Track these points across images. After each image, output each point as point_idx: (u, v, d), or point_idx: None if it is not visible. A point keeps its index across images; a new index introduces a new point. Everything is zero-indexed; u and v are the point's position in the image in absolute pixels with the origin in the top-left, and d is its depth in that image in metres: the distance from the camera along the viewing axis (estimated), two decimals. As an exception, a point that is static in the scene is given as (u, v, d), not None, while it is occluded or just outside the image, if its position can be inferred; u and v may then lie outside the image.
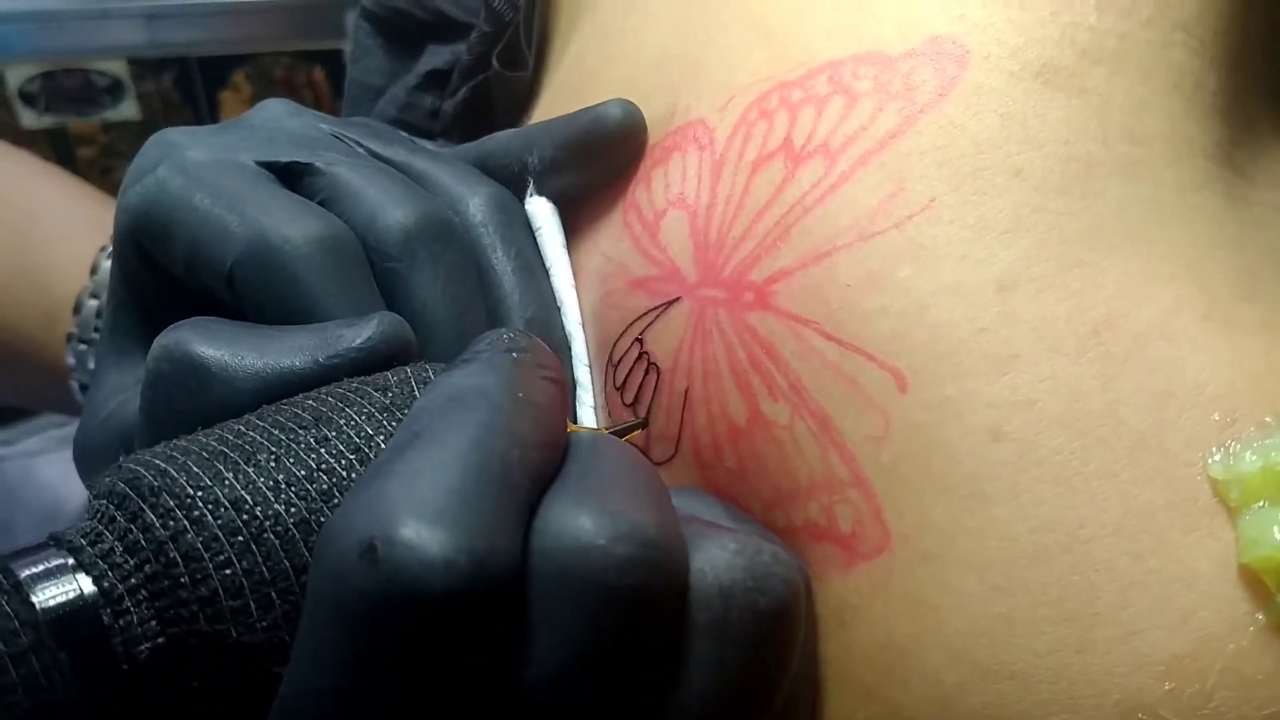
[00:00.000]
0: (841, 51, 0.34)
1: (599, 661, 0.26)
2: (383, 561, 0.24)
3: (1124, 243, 0.31)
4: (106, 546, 0.27)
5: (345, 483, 0.28)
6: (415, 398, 0.30)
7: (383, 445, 0.29)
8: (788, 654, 0.29)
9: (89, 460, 0.40)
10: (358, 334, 0.32)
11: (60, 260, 0.58)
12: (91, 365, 0.55)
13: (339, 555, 0.25)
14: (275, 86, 1.05)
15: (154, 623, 0.27)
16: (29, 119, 1.04)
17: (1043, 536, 0.29)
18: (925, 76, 0.33)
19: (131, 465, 0.28)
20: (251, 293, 0.35)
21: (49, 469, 0.98)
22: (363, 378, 0.31)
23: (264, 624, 0.27)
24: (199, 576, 0.27)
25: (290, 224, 0.35)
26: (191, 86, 1.06)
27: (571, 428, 0.32)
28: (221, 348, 0.32)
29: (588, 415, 0.38)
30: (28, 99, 1.03)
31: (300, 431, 0.29)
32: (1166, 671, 0.28)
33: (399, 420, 0.29)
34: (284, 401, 0.30)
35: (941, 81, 0.32)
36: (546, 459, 0.28)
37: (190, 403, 0.32)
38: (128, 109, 1.05)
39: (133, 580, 0.27)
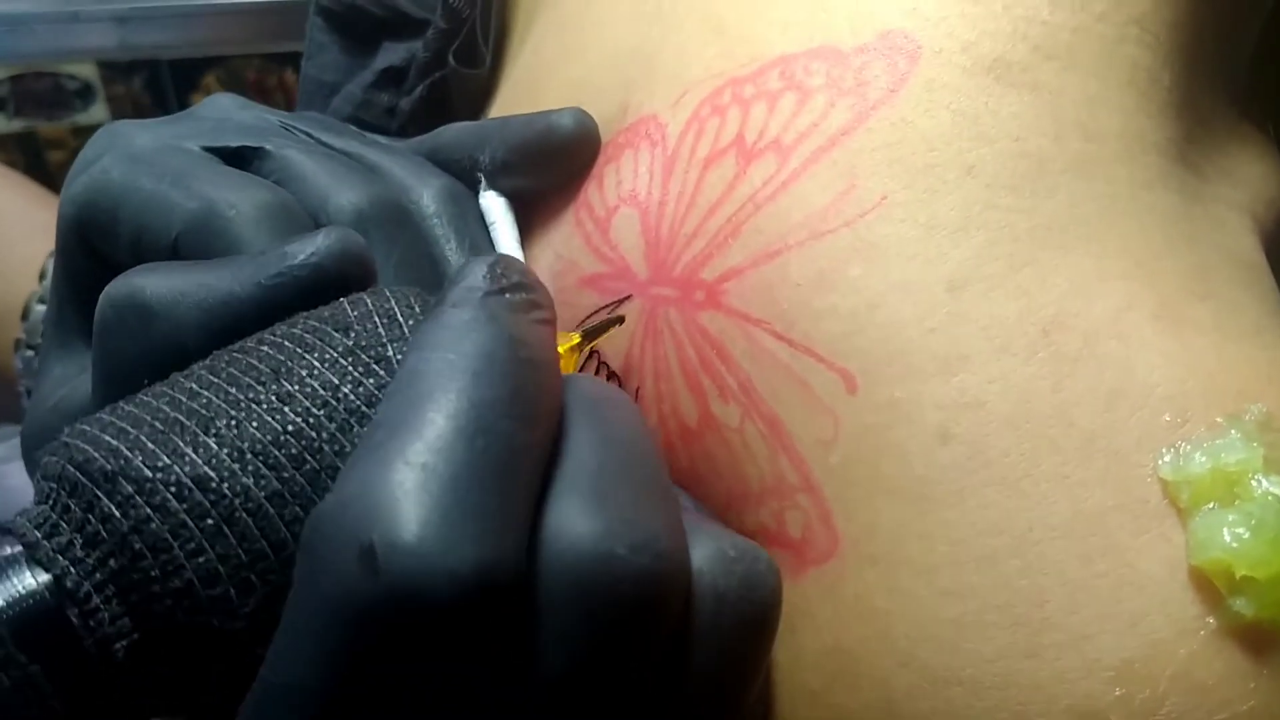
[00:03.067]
0: (794, 46, 0.34)
1: (603, 669, 0.25)
2: (383, 570, 0.23)
3: (1076, 240, 0.30)
4: (64, 540, 0.25)
5: (316, 443, 0.26)
6: (380, 335, 0.28)
7: (350, 395, 0.27)
8: (764, 660, 0.28)
9: (37, 450, 0.40)
10: (302, 249, 0.30)
11: (11, 265, 0.58)
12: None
13: (334, 554, 0.23)
14: (246, 89, 1.04)
15: (126, 619, 0.25)
16: (-2, 123, 1.03)
17: (991, 539, 0.28)
18: (877, 72, 0.32)
19: (79, 443, 0.26)
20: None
21: (17, 475, 0.97)
22: (320, 313, 0.29)
23: (246, 609, 0.25)
24: (170, 568, 0.25)
25: (236, 192, 0.34)
26: (162, 89, 1.05)
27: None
28: (164, 284, 0.30)
29: None
30: (-4, 102, 1.02)
31: (259, 388, 0.27)
32: (1116, 677, 0.27)
33: (365, 364, 0.28)
34: (236, 348, 0.28)
35: (893, 77, 0.32)
36: (547, 433, 0.26)
37: (136, 345, 0.30)
38: (98, 112, 1.05)
39: (98, 576, 0.25)
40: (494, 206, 0.40)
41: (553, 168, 0.39)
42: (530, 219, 0.40)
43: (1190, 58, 0.34)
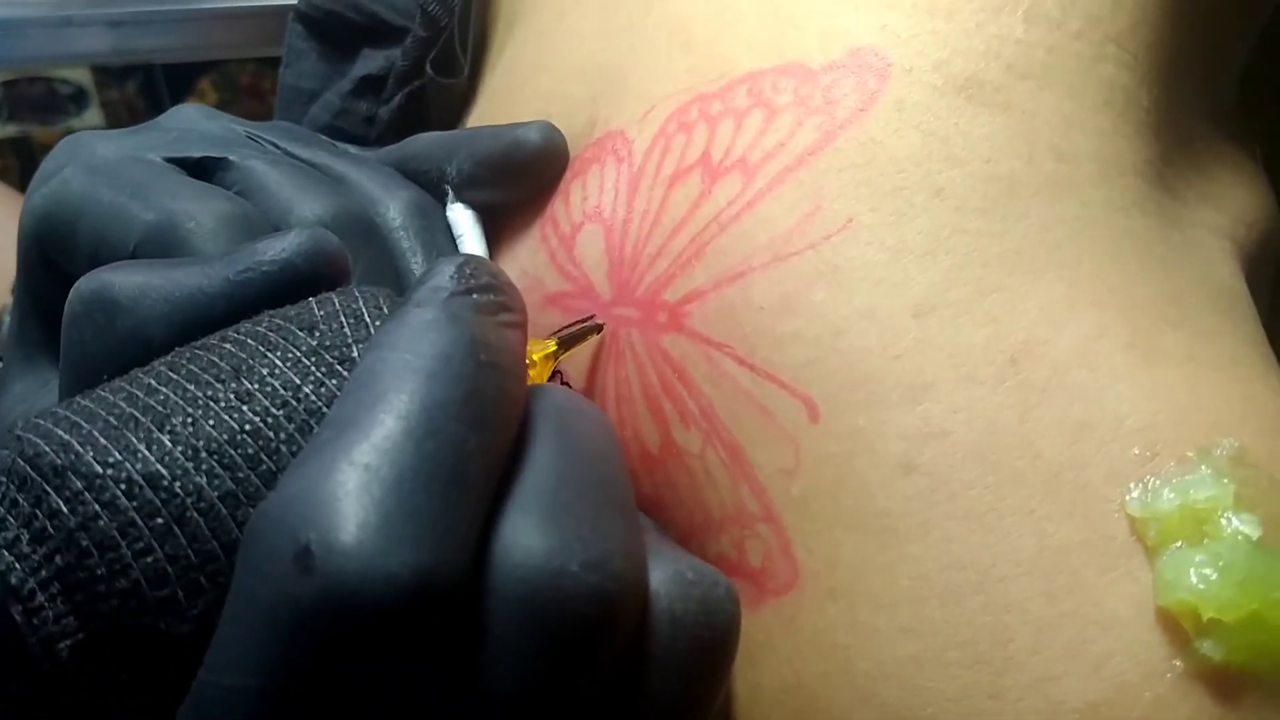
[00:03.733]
0: (762, 63, 0.33)
1: (552, 686, 0.24)
2: (318, 570, 0.22)
3: (1047, 266, 0.29)
4: (10, 535, 0.24)
5: (273, 444, 0.26)
6: (345, 335, 0.27)
7: (311, 395, 0.26)
8: (721, 686, 0.28)
9: None
10: (272, 246, 0.29)
11: None
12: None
13: (270, 553, 0.23)
14: (240, 93, 1.04)
15: (71, 618, 0.24)
16: (-8, 128, 1.03)
17: (954, 575, 0.28)
18: (846, 90, 0.31)
19: (31, 437, 0.25)
20: None
21: None
22: (285, 311, 0.28)
23: (195, 612, 0.25)
24: (117, 567, 0.24)
25: (195, 202, 0.33)
26: (156, 94, 1.04)
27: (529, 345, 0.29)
28: (130, 278, 0.30)
29: None
30: (-10, 108, 1.02)
31: (218, 386, 0.26)
32: None
33: (328, 365, 0.27)
34: (198, 345, 0.28)
35: (862, 96, 0.31)
36: (505, 439, 0.26)
37: (100, 339, 0.29)
38: (92, 117, 1.04)
39: (43, 573, 0.24)
40: (461, 219, 0.39)
41: (519, 182, 0.38)
42: (497, 233, 0.39)
43: (1170, 78, 0.33)
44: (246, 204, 0.35)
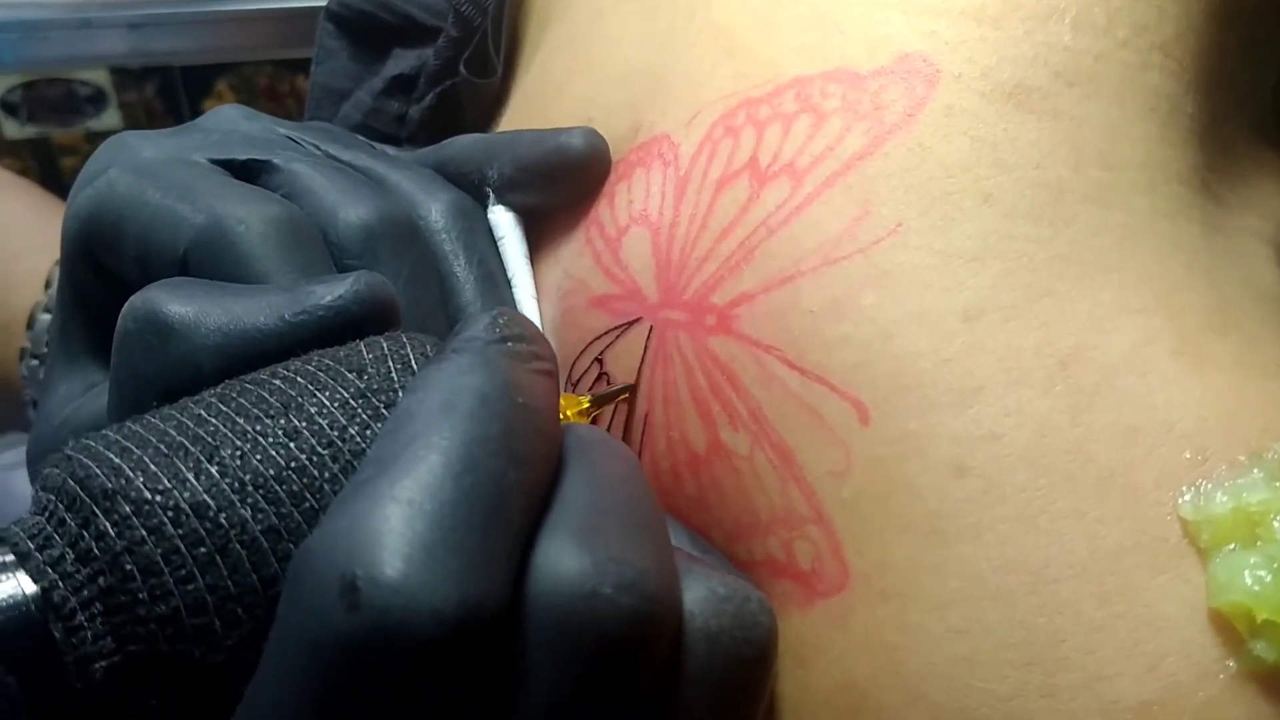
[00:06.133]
0: (810, 68, 0.33)
1: (587, 709, 0.25)
2: (364, 605, 0.22)
3: (1095, 271, 0.30)
4: (56, 553, 0.25)
5: (317, 482, 0.26)
6: (392, 380, 0.28)
7: (356, 436, 0.27)
8: (761, 701, 0.28)
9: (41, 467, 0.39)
10: (329, 291, 0.30)
11: (18, 275, 0.57)
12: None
13: (316, 588, 0.23)
14: (258, 95, 1.04)
15: (109, 639, 0.25)
16: (11, 129, 1.03)
17: (1006, 577, 0.28)
18: (894, 96, 0.32)
19: (83, 459, 0.26)
20: (206, 278, 0.33)
21: (23, 483, 0.97)
22: (335, 352, 0.29)
23: (229, 642, 0.25)
24: (158, 593, 0.24)
25: (244, 206, 0.33)
26: (174, 96, 1.05)
27: (562, 401, 0.30)
28: (187, 304, 0.30)
29: None
30: (10, 109, 1.02)
31: (267, 421, 0.26)
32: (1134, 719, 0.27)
33: (374, 408, 0.27)
34: (249, 379, 0.28)
35: (911, 101, 0.31)
36: (541, 476, 0.26)
37: (152, 361, 0.30)
38: (111, 119, 1.04)
39: (85, 593, 0.25)
40: (503, 221, 0.39)
41: (562, 187, 0.38)
42: (540, 235, 0.39)
43: (1215, 85, 0.33)
44: (293, 207, 0.35)
